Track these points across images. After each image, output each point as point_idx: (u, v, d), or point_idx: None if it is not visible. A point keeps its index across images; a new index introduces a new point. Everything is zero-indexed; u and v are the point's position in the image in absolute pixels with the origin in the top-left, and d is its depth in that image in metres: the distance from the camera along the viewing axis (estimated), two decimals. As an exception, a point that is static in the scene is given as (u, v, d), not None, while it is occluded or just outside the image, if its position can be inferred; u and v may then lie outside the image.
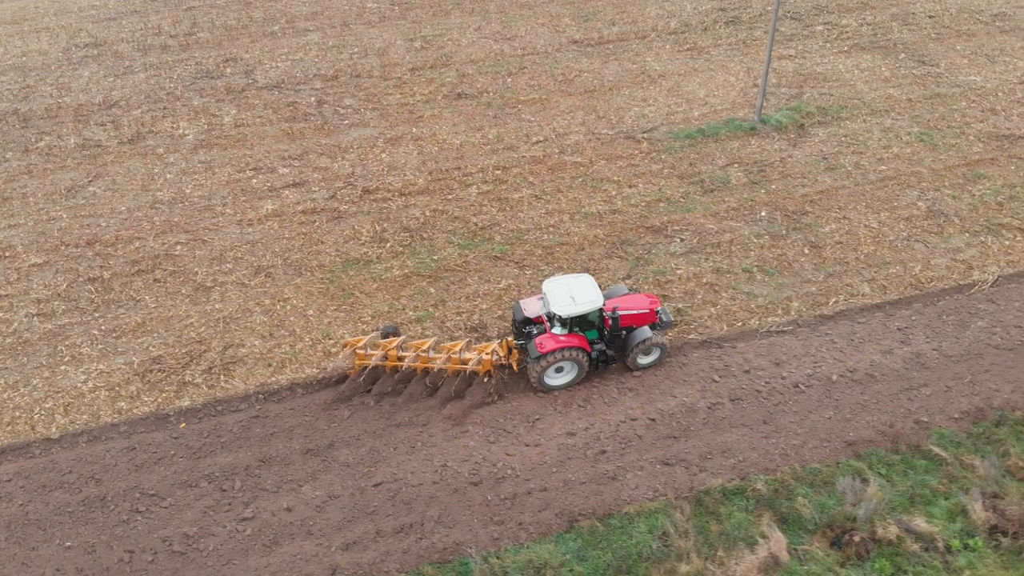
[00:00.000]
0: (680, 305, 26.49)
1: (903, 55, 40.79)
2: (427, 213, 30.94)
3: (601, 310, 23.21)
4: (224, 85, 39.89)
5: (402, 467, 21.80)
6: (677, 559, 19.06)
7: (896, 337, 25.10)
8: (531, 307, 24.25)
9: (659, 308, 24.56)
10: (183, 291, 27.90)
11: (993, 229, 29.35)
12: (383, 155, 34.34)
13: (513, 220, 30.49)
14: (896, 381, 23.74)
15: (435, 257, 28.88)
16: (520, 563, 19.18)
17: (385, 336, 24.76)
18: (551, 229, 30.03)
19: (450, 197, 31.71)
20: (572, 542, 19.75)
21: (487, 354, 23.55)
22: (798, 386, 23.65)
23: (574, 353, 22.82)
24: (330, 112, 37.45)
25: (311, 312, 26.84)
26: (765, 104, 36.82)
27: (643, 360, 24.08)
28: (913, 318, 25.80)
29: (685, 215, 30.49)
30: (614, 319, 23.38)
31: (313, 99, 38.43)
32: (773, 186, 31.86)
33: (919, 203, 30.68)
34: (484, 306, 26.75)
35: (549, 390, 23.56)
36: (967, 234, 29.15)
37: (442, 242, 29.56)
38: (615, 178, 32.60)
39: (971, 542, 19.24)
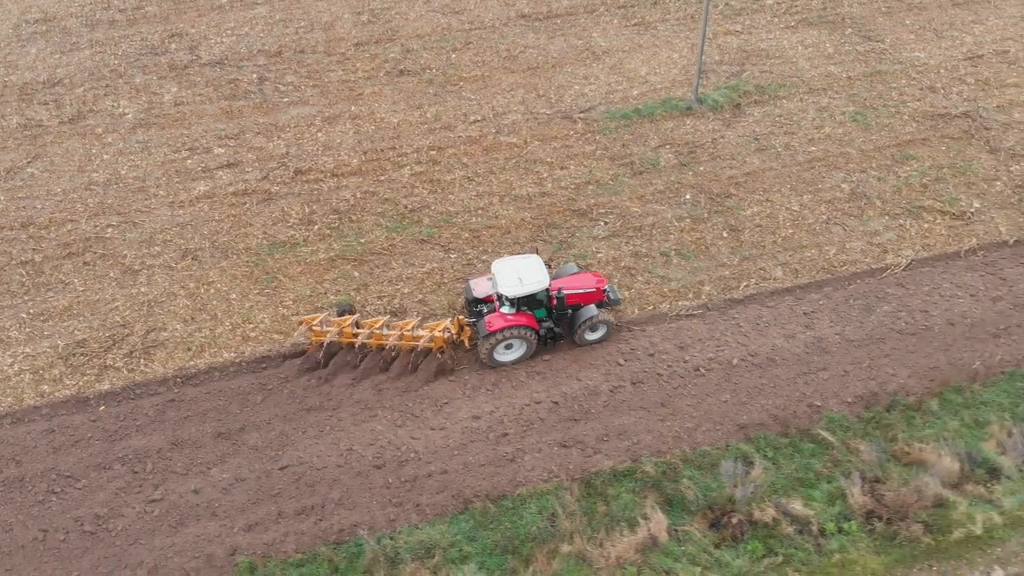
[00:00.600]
0: (597, 289, 27.01)
1: (850, 30, 40.63)
2: (358, 195, 31.24)
3: (547, 290, 23.93)
4: (167, 62, 39.78)
5: (309, 451, 22.53)
6: (561, 539, 19.90)
7: (801, 321, 25.66)
8: (481, 287, 25.11)
9: (606, 287, 25.25)
10: (111, 274, 28.34)
11: (914, 212, 29.72)
12: (319, 134, 34.48)
13: (443, 202, 30.81)
14: (795, 365, 24.37)
15: (362, 240, 29.28)
16: (412, 544, 20.00)
17: (340, 314, 25.45)
18: (480, 212, 30.37)
19: (382, 178, 31.98)
20: (465, 523, 20.55)
21: (439, 332, 24.36)
22: (699, 369, 24.29)
23: (522, 331, 23.69)
24: (271, 89, 37.45)
25: (234, 296, 27.33)
26: (704, 83, 36.84)
27: (590, 336, 24.89)
28: (821, 302, 26.33)
29: (612, 198, 30.81)
30: (559, 299, 24.12)
31: (255, 76, 38.39)
32: (702, 168, 32.12)
33: (843, 185, 30.99)
34: (406, 290, 27.24)
35: (499, 365, 24.44)
36: (887, 217, 29.53)
37: (370, 225, 29.94)
38: (548, 159, 32.83)
39: (846, 526, 20.05)
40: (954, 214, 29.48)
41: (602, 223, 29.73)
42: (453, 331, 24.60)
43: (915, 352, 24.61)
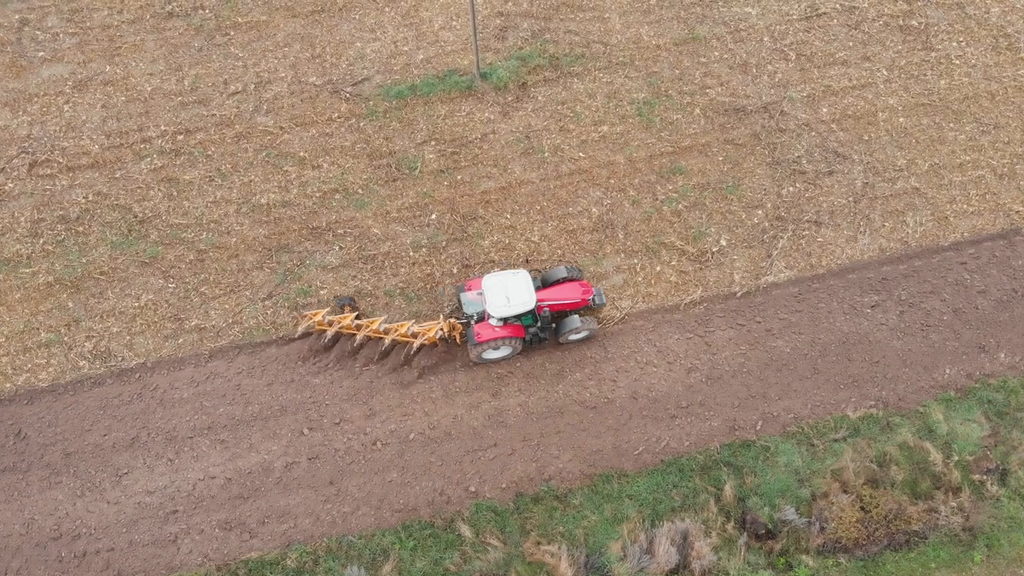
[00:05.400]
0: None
1: (688, -32, 35.83)
2: (90, 197, 29.81)
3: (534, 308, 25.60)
4: (-82, -18, 35.51)
5: (-5, 518, 24.34)
6: (194, 632, 22.40)
7: (491, 388, 26.10)
8: (472, 300, 26.40)
9: (591, 296, 26.47)
10: None
11: (652, 249, 28.71)
12: (66, 107, 31.92)
13: (176, 211, 29.53)
14: (470, 440, 25.31)
15: (84, 259, 28.57)
16: (64, 627, 22.54)
17: (341, 306, 26.98)
18: (212, 226, 29.25)
19: (118, 175, 30.26)
20: (117, 607, 22.95)
21: (432, 333, 25.95)
22: (376, 443, 25.29)
23: (508, 341, 25.56)
24: (28, 39, 33.84)
25: (-48, 327, 27.47)
26: (499, 44, 33.40)
27: (574, 337, 26.55)
28: (518, 364, 26.56)
29: (356, 213, 29.49)
30: (544, 315, 25.76)
31: (16, 18, 34.40)
32: (460, 176, 30.33)
33: (594, 209, 29.55)
34: (115, 329, 27.23)
35: (488, 362, 26.43)
36: (623, 255, 28.59)
37: (96, 239, 28.98)
38: (302, 153, 30.82)
39: (447, 631, 22.37)
40: (693, 254, 28.55)
41: (336, 248, 28.84)
42: (445, 330, 26.15)
43: (587, 430, 25.43)
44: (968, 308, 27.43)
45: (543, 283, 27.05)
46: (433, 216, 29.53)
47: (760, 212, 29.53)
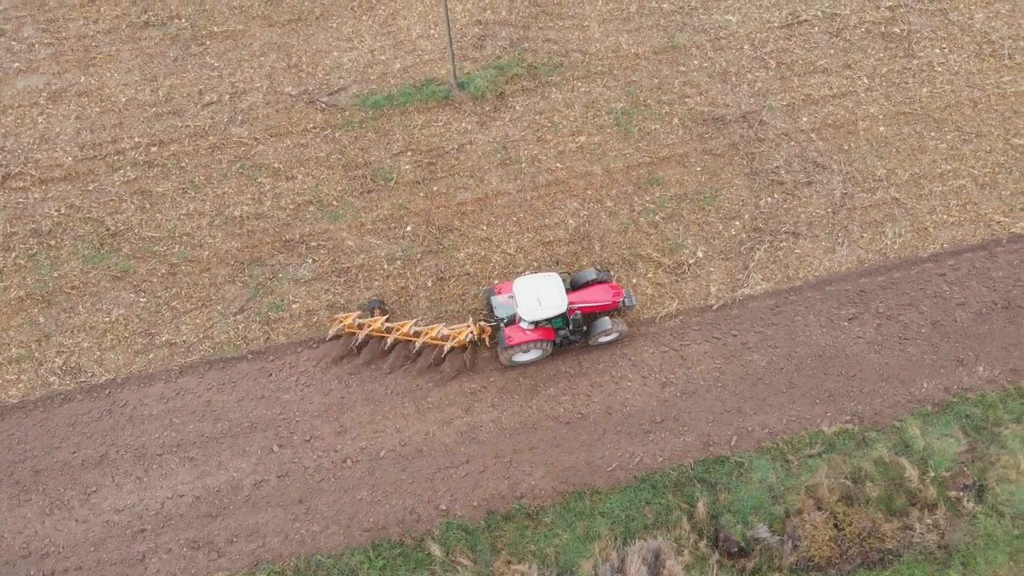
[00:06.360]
0: (277, 352, 26.77)
1: (669, -26, 35.55)
2: (63, 210, 29.56)
3: (565, 312, 25.58)
4: None
5: (-40, 537, 24.12)
6: (159, 654, 22.19)
7: (464, 404, 25.83)
8: (503, 303, 26.35)
9: (621, 297, 26.34)
10: None
11: (629, 261, 28.44)
12: (40, 119, 31.67)
13: (149, 224, 29.27)
14: (442, 457, 25.06)
15: (56, 273, 28.33)
16: (28, 649, 22.34)
17: (371, 309, 26.88)
18: (185, 239, 28.99)
19: (91, 187, 30.02)
20: (82, 628, 22.75)
21: (463, 336, 25.89)
22: (346, 461, 25.04)
23: (539, 344, 25.53)
24: (4, 49, 33.54)
25: (-81, 344, 27.24)
26: (477, 54, 33.09)
27: (604, 339, 26.51)
28: (492, 379, 26.31)
29: (330, 226, 29.24)
30: (575, 318, 25.63)
31: (-12, 25, 34.31)
32: (436, 187, 30.06)
33: (571, 220, 29.27)
34: (86, 345, 26.99)
35: (518, 365, 26.46)
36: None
37: (68, 252, 28.73)
38: (276, 165, 30.55)
39: (413, 650, 22.18)
40: (669, 266, 28.26)
41: (310, 260, 28.58)
42: (475, 333, 26.13)
43: (560, 446, 25.17)
44: (947, 321, 27.15)
45: (572, 285, 26.95)
46: (408, 228, 29.25)
47: (737, 223, 29.24)
